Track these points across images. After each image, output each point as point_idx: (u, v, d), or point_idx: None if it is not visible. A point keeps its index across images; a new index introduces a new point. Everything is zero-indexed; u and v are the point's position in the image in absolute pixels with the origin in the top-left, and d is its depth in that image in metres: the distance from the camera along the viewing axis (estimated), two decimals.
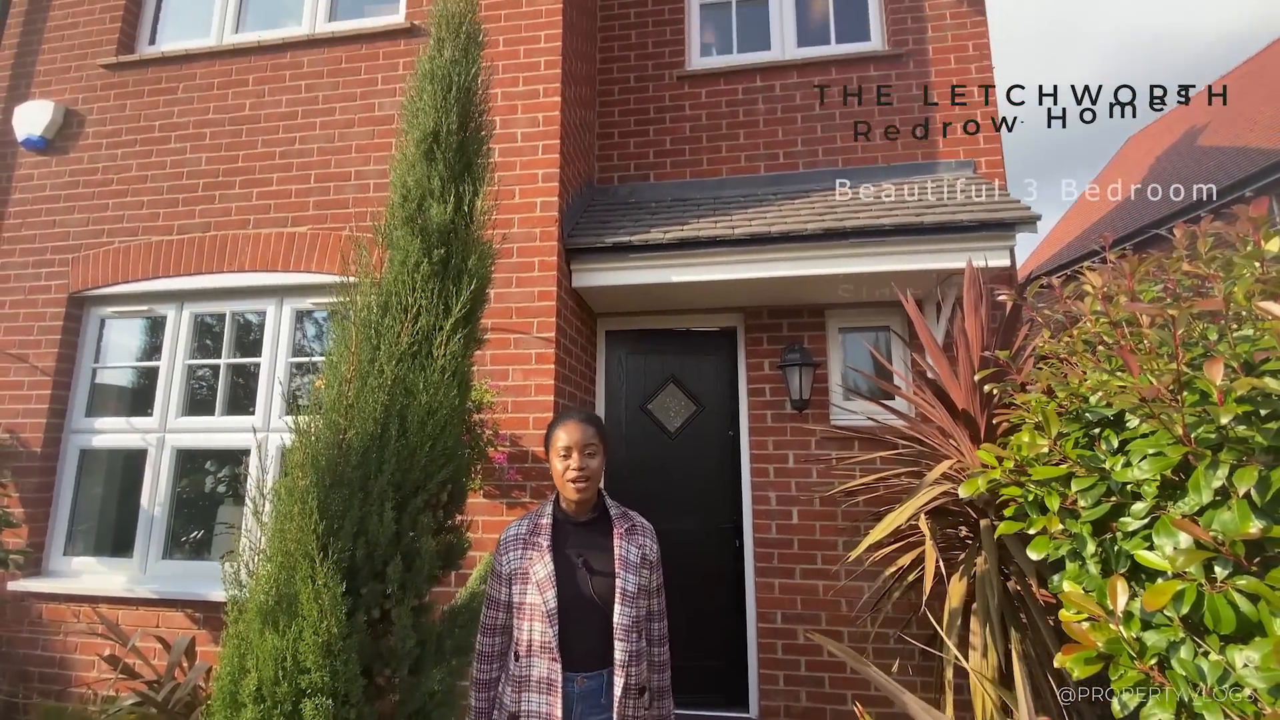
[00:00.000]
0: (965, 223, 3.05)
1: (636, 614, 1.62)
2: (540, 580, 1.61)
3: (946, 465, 2.81)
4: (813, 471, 3.81)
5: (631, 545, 1.69)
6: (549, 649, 1.57)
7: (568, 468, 1.67)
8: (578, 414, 1.77)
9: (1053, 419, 1.73)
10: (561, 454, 1.69)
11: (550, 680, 1.56)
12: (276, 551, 1.58)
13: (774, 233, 3.14)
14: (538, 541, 1.67)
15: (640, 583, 1.66)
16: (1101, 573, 1.74)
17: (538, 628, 1.59)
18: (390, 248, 1.99)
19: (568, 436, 1.69)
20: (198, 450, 3.49)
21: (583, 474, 1.67)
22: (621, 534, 1.70)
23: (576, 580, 1.63)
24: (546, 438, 1.78)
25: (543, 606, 1.59)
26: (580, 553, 1.66)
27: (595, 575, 1.63)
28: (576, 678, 1.58)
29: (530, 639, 1.60)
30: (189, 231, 3.62)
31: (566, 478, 1.67)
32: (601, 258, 3.33)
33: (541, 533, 1.69)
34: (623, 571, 1.64)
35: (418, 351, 1.82)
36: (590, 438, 1.70)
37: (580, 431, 1.70)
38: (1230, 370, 1.45)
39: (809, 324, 3.93)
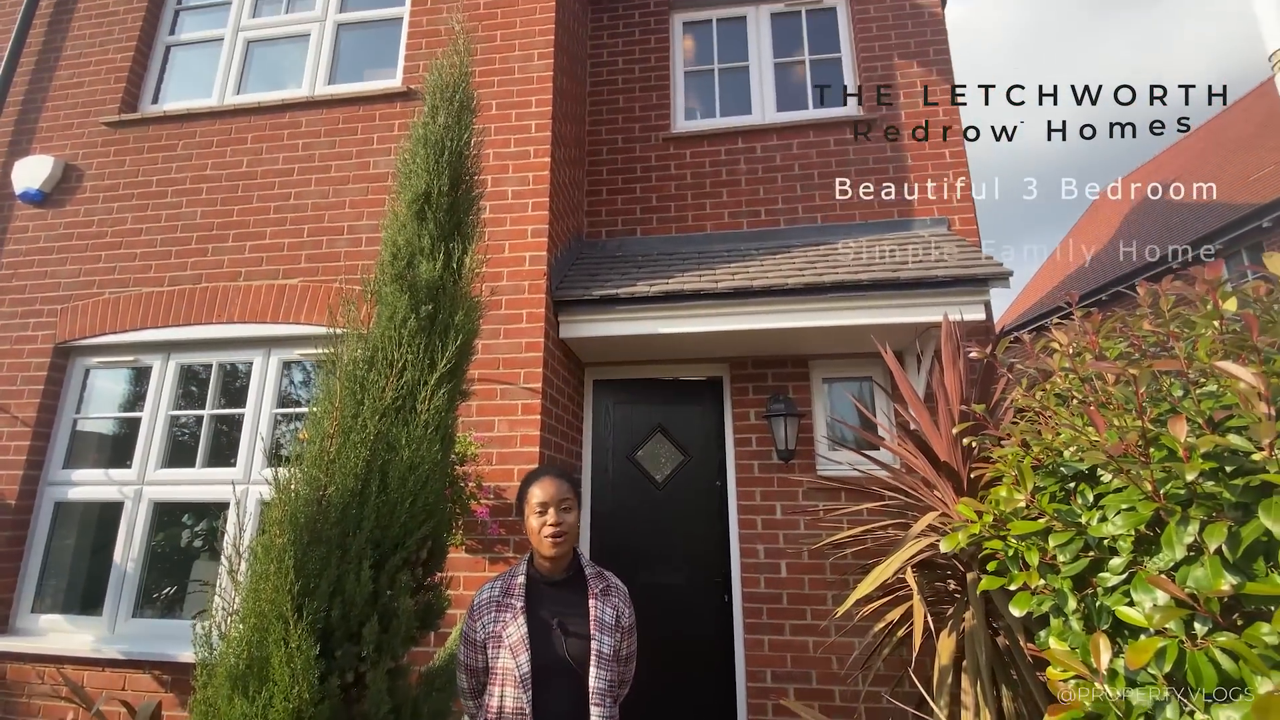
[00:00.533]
0: (940, 278, 3.15)
1: (611, 677, 1.59)
2: (513, 643, 1.57)
3: (931, 517, 2.81)
4: (800, 523, 3.79)
5: (607, 606, 1.67)
6: (521, 715, 1.53)
7: (544, 524, 1.67)
8: (551, 470, 1.79)
9: (1028, 474, 1.76)
10: (537, 510, 1.69)
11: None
12: (250, 612, 1.55)
13: (756, 286, 3.22)
14: (511, 603, 1.65)
15: (615, 645, 1.63)
16: (1084, 628, 1.73)
17: (510, 693, 1.55)
18: (379, 303, 2.03)
19: (543, 492, 1.70)
20: (175, 503, 3.43)
21: (559, 529, 1.66)
22: (597, 594, 1.68)
23: (551, 642, 1.59)
24: (520, 494, 1.78)
25: (515, 671, 1.55)
26: (555, 613, 1.63)
27: (570, 637, 1.60)
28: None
29: (501, 705, 1.56)
30: (180, 283, 3.65)
31: (543, 534, 1.67)
32: (589, 310, 3.39)
33: (515, 594, 1.66)
34: (598, 633, 1.61)
35: (401, 406, 1.84)
36: (565, 492, 1.71)
37: (555, 486, 1.71)
38: (1195, 427, 1.49)
39: (793, 374, 3.98)
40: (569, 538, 1.69)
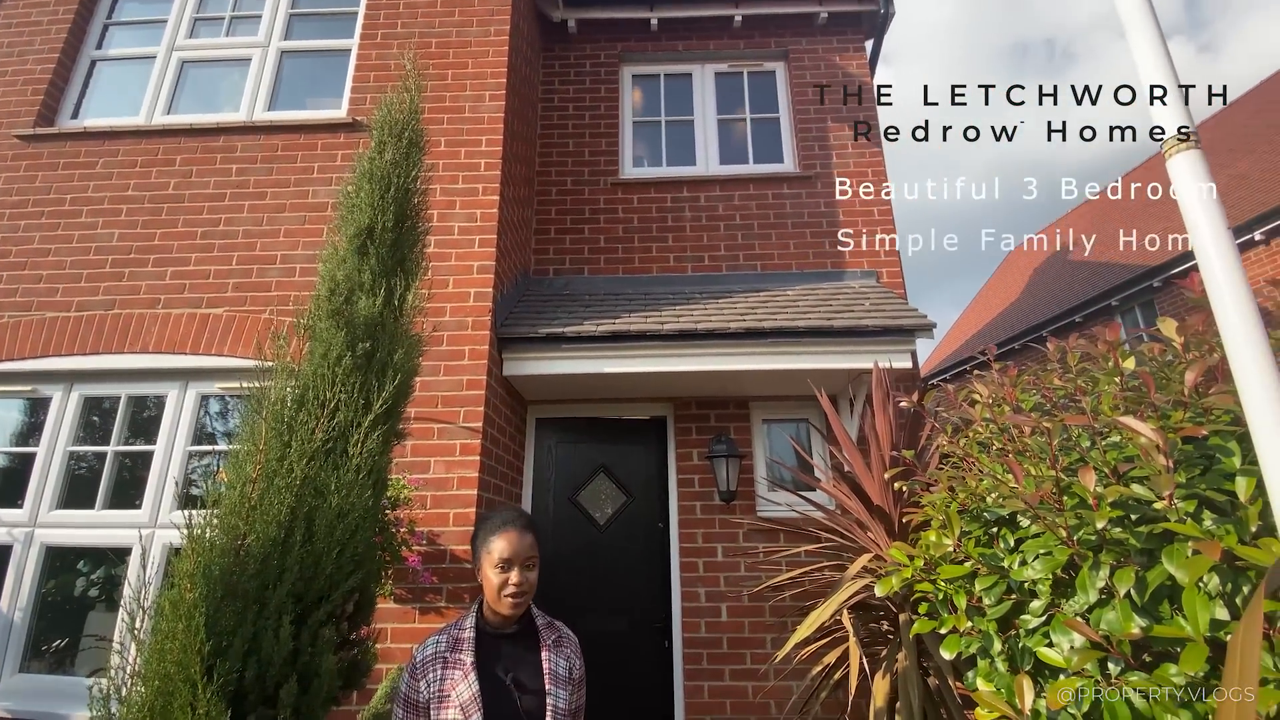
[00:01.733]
0: (870, 327, 3.32)
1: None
2: (465, 703, 1.45)
3: (865, 559, 2.88)
4: (741, 565, 3.80)
5: (560, 658, 1.58)
6: None
7: (505, 582, 1.53)
8: (516, 519, 1.63)
9: (954, 519, 1.84)
10: (499, 566, 1.54)
11: None
12: (154, 674, 1.41)
13: (700, 329, 3.29)
14: (459, 658, 1.52)
15: (569, 700, 1.54)
16: (1009, 669, 1.81)
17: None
18: (312, 339, 1.95)
19: (508, 546, 1.55)
20: (71, 547, 3.11)
21: (521, 589, 1.54)
22: (549, 645, 1.59)
23: (505, 700, 1.49)
24: (478, 541, 1.63)
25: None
26: (508, 668, 1.53)
27: (525, 694, 1.50)
28: None
29: None
30: (90, 309, 3.40)
31: (504, 594, 1.53)
32: (535, 347, 3.37)
33: (463, 648, 1.53)
34: (554, 688, 1.52)
35: (332, 449, 1.75)
36: (529, 549, 1.58)
37: (520, 541, 1.57)
38: (1102, 476, 1.61)
39: (735, 414, 4.06)
40: (528, 598, 1.57)
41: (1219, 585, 1.34)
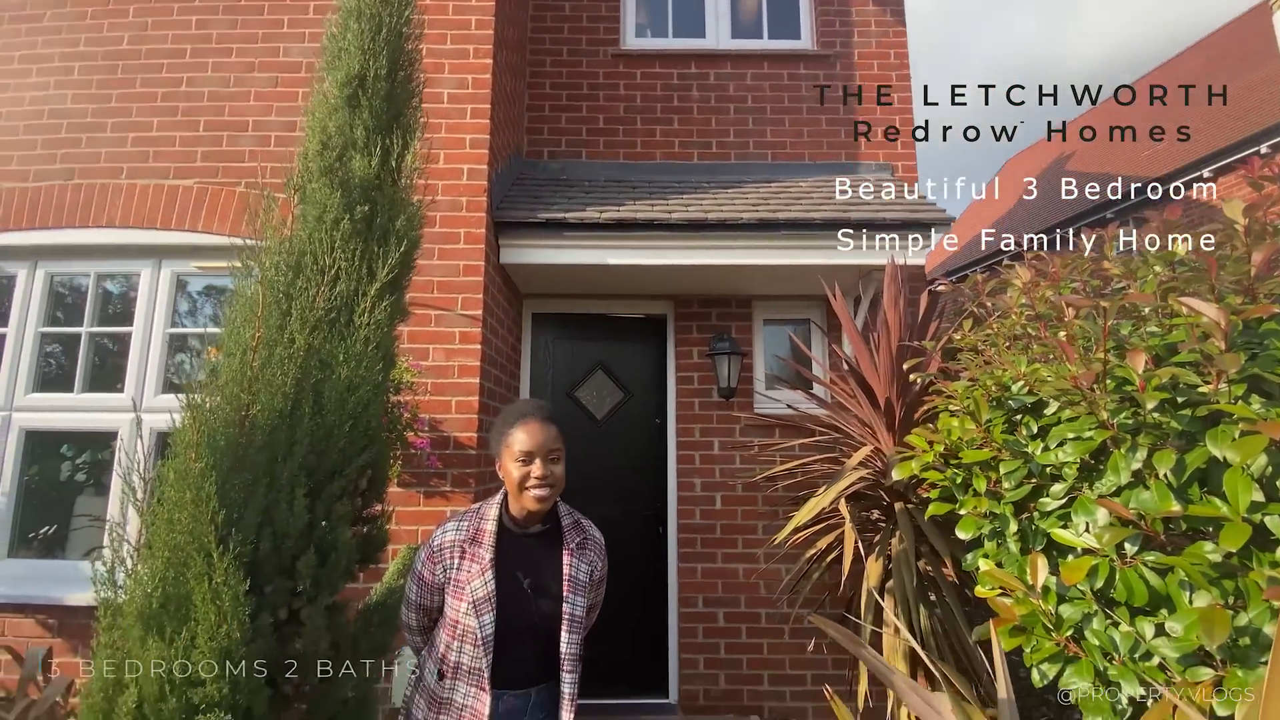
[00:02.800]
0: (888, 221, 3.18)
1: (580, 638, 1.48)
2: (478, 600, 1.41)
3: (867, 450, 2.92)
4: (736, 458, 3.86)
5: (582, 563, 1.51)
6: (478, 675, 1.40)
7: (528, 475, 1.44)
8: (537, 410, 1.52)
9: (983, 405, 1.81)
10: (520, 459, 1.46)
11: (475, 710, 1.39)
12: (163, 545, 1.35)
13: (710, 220, 3.12)
14: (479, 553, 1.46)
15: (587, 604, 1.50)
16: (1020, 550, 1.85)
17: (468, 651, 1.42)
18: (303, 202, 1.76)
19: (529, 439, 1.46)
20: (51, 432, 3.00)
21: (545, 482, 1.45)
22: (572, 550, 1.51)
23: (519, 603, 1.44)
24: (496, 434, 1.53)
25: (477, 631, 1.40)
26: (526, 570, 1.47)
27: (542, 598, 1.45)
28: (503, 695, 1.43)
29: (458, 661, 1.43)
30: (48, 179, 3.08)
31: (527, 488, 1.45)
32: (534, 234, 3.17)
33: (483, 542, 1.47)
34: (572, 594, 1.46)
35: (335, 319, 1.62)
36: (554, 441, 1.48)
37: (543, 433, 1.47)
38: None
39: (737, 314, 3.97)
40: (555, 492, 1.48)
41: (1263, 466, 1.32)
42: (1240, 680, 1.30)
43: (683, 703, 3.61)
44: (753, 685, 3.62)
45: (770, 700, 3.61)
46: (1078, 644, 1.67)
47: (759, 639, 3.66)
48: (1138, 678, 1.51)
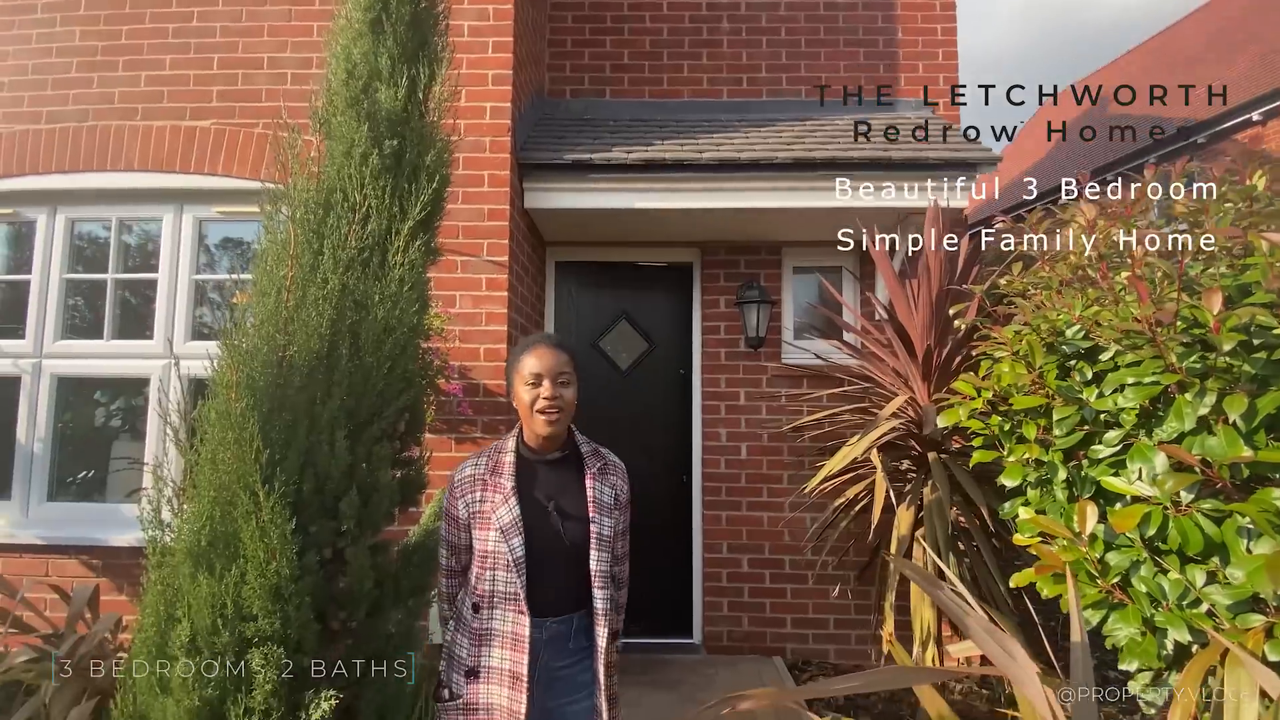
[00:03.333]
0: (932, 160, 3.02)
1: (610, 558, 1.49)
2: (505, 526, 1.41)
3: (901, 400, 2.87)
4: (763, 409, 3.83)
5: (605, 486, 1.51)
6: (515, 599, 1.40)
7: (537, 397, 1.44)
8: (548, 338, 1.54)
9: (1038, 350, 1.74)
10: (530, 381, 1.45)
11: (516, 634, 1.40)
12: (208, 485, 1.35)
13: (743, 159, 2.99)
14: (500, 482, 1.46)
15: (614, 525, 1.51)
16: (1066, 499, 1.81)
17: (501, 577, 1.41)
18: (329, 137, 1.69)
19: (538, 362, 1.46)
20: (84, 378, 3.03)
21: (554, 404, 1.44)
22: (594, 474, 1.51)
23: (547, 526, 1.45)
24: (511, 364, 1.54)
25: (508, 555, 1.40)
26: (550, 495, 1.47)
27: (567, 520, 1.45)
28: (545, 624, 1.44)
29: (493, 589, 1.42)
30: (62, 120, 3.01)
31: (536, 408, 1.44)
32: (559, 176, 3.07)
33: (503, 472, 1.47)
34: (597, 515, 1.47)
35: (369, 259, 1.58)
36: (563, 365, 1.48)
37: (553, 357, 1.47)
38: None
39: (766, 261, 3.86)
40: (564, 415, 1.47)
41: None
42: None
43: (706, 643, 3.69)
44: (775, 628, 3.69)
45: (792, 643, 3.68)
46: (1124, 591, 1.65)
47: (782, 584, 3.71)
48: (1186, 624, 1.49)
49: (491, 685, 1.41)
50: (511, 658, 1.39)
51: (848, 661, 3.61)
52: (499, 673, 1.40)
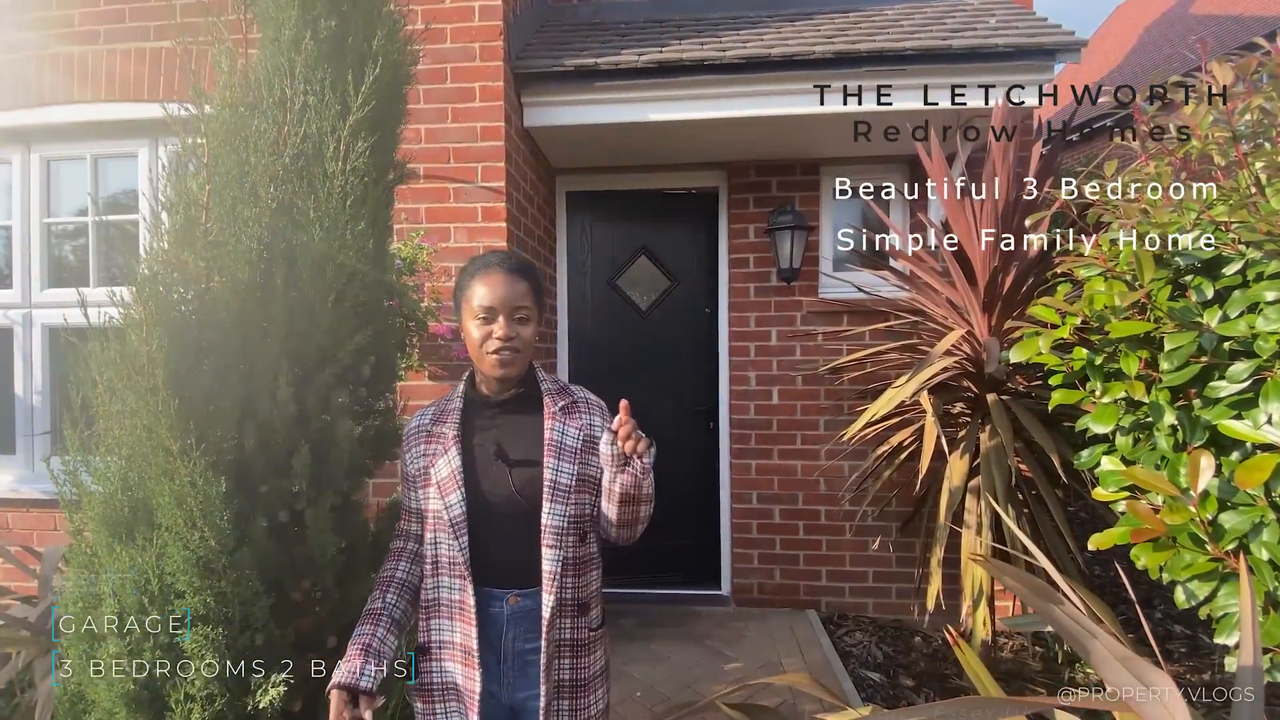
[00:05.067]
0: (1001, 48, 2.54)
1: (573, 512, 1.20)
2: (443, 480, 1.19)
3: (957, 335, 2.50)
4: (796, 349, 3.50)
5: (569, 427, 1.23)
6: (456, 565, 1.18)
7: (489, 335, 1.17)
8: (502, 260, 1.23)
9: (1146, 262, 1.37)
10: (480, 316, 1.18)
11: (461, 603, 1.18)
12: (119, 442, 1.14)
13: (775, 55, 2.55)
14: (442, 432, 1.23)
15: (580, 472, 1.22)
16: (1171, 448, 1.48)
17: (443, 540, 1.19)
18: (258, 21, 1.39)
19: (490, 293, 1.17)
20: (77, 328, 2.90)
21: (509, 345, 1.17)
22: (554, 413, 1.24)
23: (490, 476, 1.21)
24: (458, 289, 1.25)
25: (446, 514, 1.18)
26: (496, 439, 1.22)
27: (515, 466, 1.20)
28: (506, 596, 1.19)
29: (436, 554, 1.21)
30: (23, 49, 2.78)
31: (486, 349, 1.18)
32: (560, 86, 2.69)
33: (447, 420, 1.24)
34: (553, 460, 1.20)
35: (305, 168, 1.30)
36: (521, 297, 1.19)
37: (508, 286, 1.18)
38: None
39: (802, 183, 3.45)
40: (520, 357, 1.21)
41: None
42: None
43: (736, 595, 3.52)
44: (810, 580, 3.48)
45: (828, 595, 3.47)
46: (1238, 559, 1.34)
47: (817, 535, 3.47)
48: None
49: (445, 663, 1.20)
50: (461, 629, 1.18)
51: (887, 616, 3.39)
52: (449, 647, 1.19)
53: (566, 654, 1.20)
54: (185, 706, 1.14)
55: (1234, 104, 1.29)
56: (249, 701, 1.17)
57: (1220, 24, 9.95)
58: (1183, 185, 1.48)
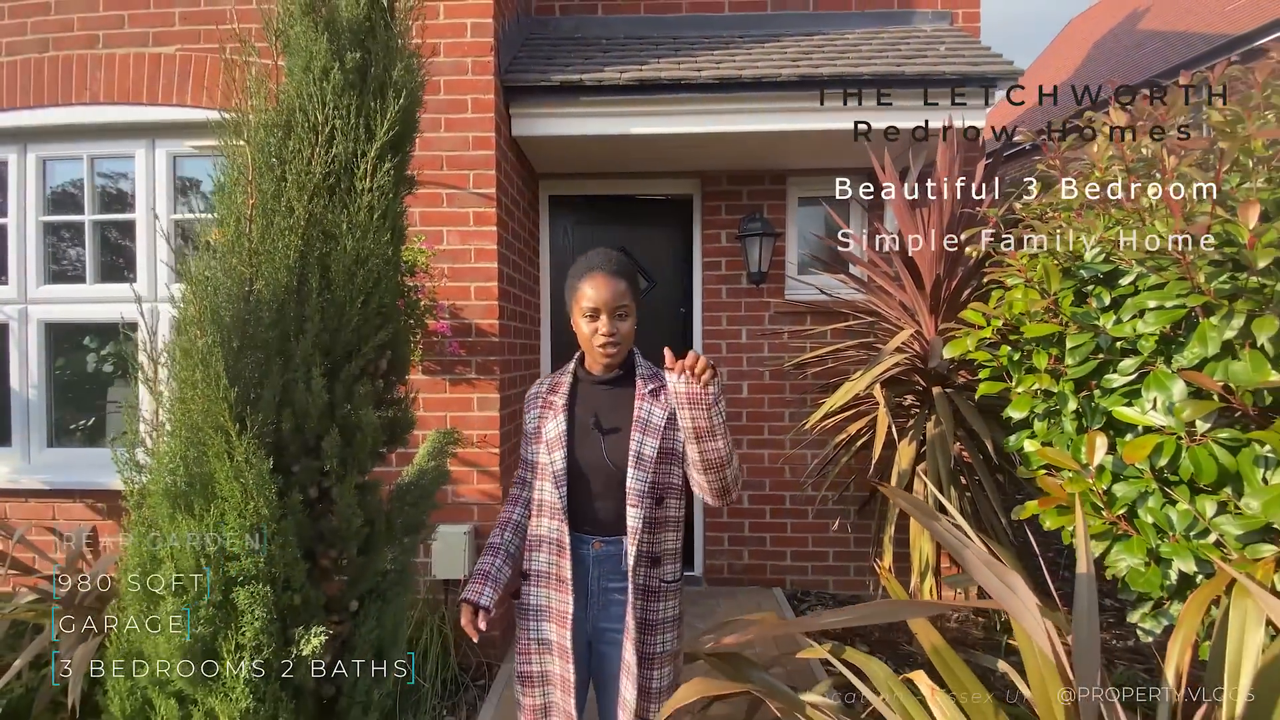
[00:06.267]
0: (947, 75, 2.81)
1: (653, 479, 1.45)
2: (550, 440, 1.51)
3: (907, 334, 2.78)
4: (765, 347, 3.76)
5: (655, 407, 1.48)
6: (556, 510, 1.49)
7: (595, 331, 1.46)
8: (604, 262, 1.48)
9: (1054, 274, 1.63)
10: (587, 314, 1.46)
11: (558, 541, 1.48)
12: (179, 425, 1.30)
13: (745, 77, 2.78)
14: (554, 400, 1.55)
15: (661, 446, 1.46)
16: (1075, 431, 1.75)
17: (548, 488, 1.50)
18: (287, 52, 1.55)
19: (595, 294, 1.44)
20: (72, 324, 2.98)
21: (613, 340, 1.46)
22: (645, 395, 1.50)
23: (589, 442, 1.50)
24: (568, 287, 1.52)
25: (550, 467, 1.49)
26: (596, 413, 1.51)
27: (608, 435, 1.48)
28: (592, 541, 1.49)
29: (542, 499, 1.53)
30: (22, 51, 2.84)
31: (595, 344, 1.47)
32: (547, 100, 2.88)
33: (559, 391, 1.55)
34: (639, 435, 1.46)
35: (335, 185, 1.47)
36: (620, 296, 1.45)
37: (610, 288, 1.44)
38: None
39: (770, 192, 3.70)
40: (622, 348, 1.49)
41: None
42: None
43: (708, 575, 3.76)
44: (775, 561, 3.75)
45: (792, 574, 3.74)
46: (1129, 523, 1.61)
47: (783, 519, 3.73)
48: (1193, 555, 1.46)
49: (541, 588, 1.51)
50: (556, 562, 1.48)
51: (846, 592, 3.68)
52: (546, 576, 1.50)
53: (639, 598, 1.45)
54: (236, 655, 1.31)
55: (1122, 146, 1.56)
56: (292, 650, 1.35)
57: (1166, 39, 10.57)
58: (1087, 210, 1.75)
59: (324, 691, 1.50)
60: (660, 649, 1.48)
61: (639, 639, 1.45)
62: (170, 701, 1.36)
